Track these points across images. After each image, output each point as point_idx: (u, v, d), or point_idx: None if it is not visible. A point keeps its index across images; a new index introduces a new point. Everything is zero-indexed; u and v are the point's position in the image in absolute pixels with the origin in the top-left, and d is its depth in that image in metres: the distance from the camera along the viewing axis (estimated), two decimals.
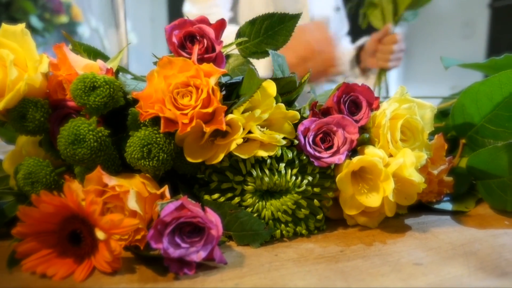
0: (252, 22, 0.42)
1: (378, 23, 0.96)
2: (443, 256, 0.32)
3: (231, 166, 0.35)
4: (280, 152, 0.35)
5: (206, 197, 0.35)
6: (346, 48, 1.05)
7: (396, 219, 0.40)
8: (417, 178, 0.36)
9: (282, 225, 0.36)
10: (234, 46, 0.42)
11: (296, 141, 0.36)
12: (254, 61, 0.43)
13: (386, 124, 0.38)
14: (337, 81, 1.14)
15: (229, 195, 0.35)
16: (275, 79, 0.40)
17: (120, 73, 0.42)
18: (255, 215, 0.35)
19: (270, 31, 0.43)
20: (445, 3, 2.46)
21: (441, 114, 0.58)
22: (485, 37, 2.32)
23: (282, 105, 0.36)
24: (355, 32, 1.09)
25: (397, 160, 0.36)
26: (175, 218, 0.29)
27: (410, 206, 0.42)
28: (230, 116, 0.34)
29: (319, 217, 0.37)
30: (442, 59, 0.52)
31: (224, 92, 0.39)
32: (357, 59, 1.09)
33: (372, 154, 0.37)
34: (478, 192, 0.46)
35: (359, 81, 1.14)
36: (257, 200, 0.35)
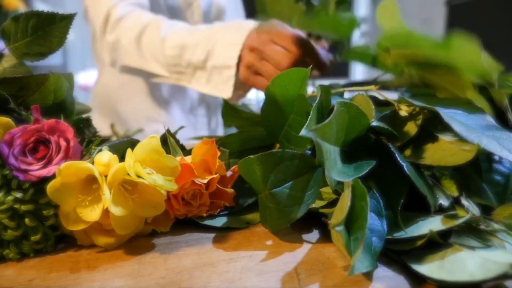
0: (16, 19, 0.38)
1: None
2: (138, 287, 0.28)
3: None
4: None
5: None
6: None
7: (149, 238, 0.36)
8: (148, 179, 0.32)
9: None
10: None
11: None
12: None
13: None
14: None
15: None
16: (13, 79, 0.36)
17: None
18: None
19: (40, 31, 0.39)
20: (403, 0, 2.42)
21: None
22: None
23: None
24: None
25: (114, 167, 0.32)
26: None
27: (179, 222, 0.38)
28: None
29: (34, 238, 0.32)
30: None
31: None
32: None
33: (96, 160, 0.32)
34: None
35: None
36: None
